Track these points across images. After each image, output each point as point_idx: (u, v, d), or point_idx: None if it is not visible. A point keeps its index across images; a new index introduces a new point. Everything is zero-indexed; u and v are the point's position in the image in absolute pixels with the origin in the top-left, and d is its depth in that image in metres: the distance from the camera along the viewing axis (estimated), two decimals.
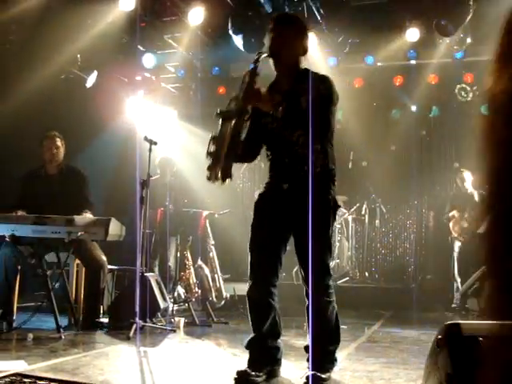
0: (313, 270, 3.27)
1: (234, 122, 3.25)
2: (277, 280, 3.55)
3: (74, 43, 7.44)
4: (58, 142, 5.81)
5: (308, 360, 3.43)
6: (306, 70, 3.49)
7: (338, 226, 9.38)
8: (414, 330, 5.88)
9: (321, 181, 3.37)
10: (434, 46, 7.97)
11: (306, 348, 3.49)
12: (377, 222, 9.78)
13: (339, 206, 3.58)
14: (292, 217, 3.43)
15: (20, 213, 5.27)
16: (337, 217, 9.23)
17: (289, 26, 3.48)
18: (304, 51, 3.51)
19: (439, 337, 2.11)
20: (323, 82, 3.38)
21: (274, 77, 3.58)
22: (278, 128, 3.43)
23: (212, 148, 3.26)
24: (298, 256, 3.47)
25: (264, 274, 3.51)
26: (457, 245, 8.26)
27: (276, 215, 3.46)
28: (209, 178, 3.29)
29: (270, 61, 3.42)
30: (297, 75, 3.45)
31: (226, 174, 3.26)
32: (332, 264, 9.09)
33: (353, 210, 9.61)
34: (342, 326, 6.00)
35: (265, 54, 3.36)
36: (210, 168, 3.26)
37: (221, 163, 3.24)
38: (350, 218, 9.61)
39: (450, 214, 8.27)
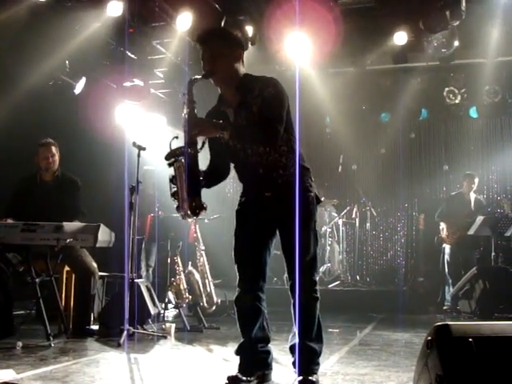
0: (300, 266, 3.27)
1: (184, 158, 3.27)
2: (264, 285, 3.54)
3: (62, 49, 7.38)
4: (53, 150, 5.79)
5: (294, 363, 3.42)
6: (249, 76, 3.44)
7: (329, 229, 9.39)
8: (405, 333, 5.89)
9: (299, 180, 3.36)
10: (421, 49, 7.98)
11: (291, 348, 3.48)
12: (367, 225, 9.79)
13: (320, 201, 3.57)
14: (277, 220, 3.42)
15: (9, 220, 5.24)
16: (327, 220, 9.33)
17: (212, 41, 3.39)
18: (237, 58, 3.42)
19: (429, 338, 2.10)
20: (268, 85, 3.34)
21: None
22: (240, 143, 3.39)
23: (173, 189, 3.32)
24: (285, 254, 3.45)
25: (251, 280, 3.49)
26: (447, 247, 8.29)
27: (259, 221, 3.44)
28: (182, 217, 3.35)
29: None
30: (239, 84, 3.39)
31: (196, 208, 3.29)
32: (323, 268, 9.11)
33: (343, 213, 9.62)
34: (334, 330, 6.07)
35: (198, 78, 3.34)
36: (178, 209, 3.33)
37: (186, 200, 3.27)
38: (340, 222, 9.61)
39: (441, 226, 8.35)
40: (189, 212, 3.29)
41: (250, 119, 3.33)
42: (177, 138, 3.44)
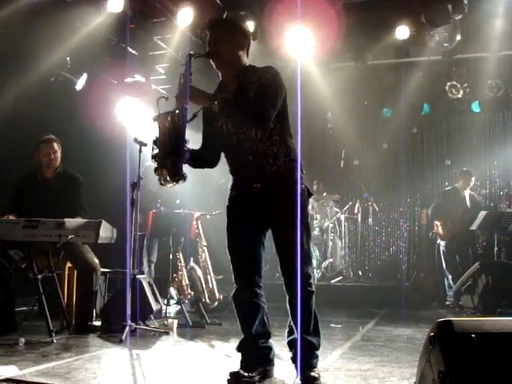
0: (294, 260, 3.25)
1: (171, 122, 3.24)
2: (261, 280, 3.52)
3: (63, 46, 7.38)
4: (55, 147, 5.76)
5: (292, 358, 3.42)
6: (251, 66, 3.46)
7: (331, 225, 9.37)
8: (407, 328, 5.88)
9: (289, 172, 3.36)
10: (423, 43, 7.96)
11: (288, 343, 3.47)
12: (369, 220, 9.77)
13: (311, 194, 3.57)
14: (268, 213, 3.40)
15: (11, 217, 5.24)
16: (329, 215, 9.32)
17: (219, 27, 3.46)
18: (241, 46, 3.45)
19: (431, 334, 2.09)
20: (267, 72, 3.35)
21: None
22: (234, 127, 3.39)
23: (155, 151, 3.28)
24: (278, 249, 3.44)
25: (247, 277, 3.48)
26: (442, 242, 8.29)
27: (250, 215, 3.42)
28: (160, 182, 3.31)
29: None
30: (240, 72, 3.41)
31: (176, 175, 3.25)
32: (325, 263, 9.10)
33: (345, 208, 9.60)
34: (336, 326, 6.07)
35: (199, 54, 3.36)
36: (156, 170, 3.29)
37: (166, 165, 3.24)
38: (342, 217, 9.60)
39: (436, 223, 8.34)
40: (167, 177, 3.25)
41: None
42: (166, 98, 3.44)
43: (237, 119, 3.34)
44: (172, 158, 3.23)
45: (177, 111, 3.24)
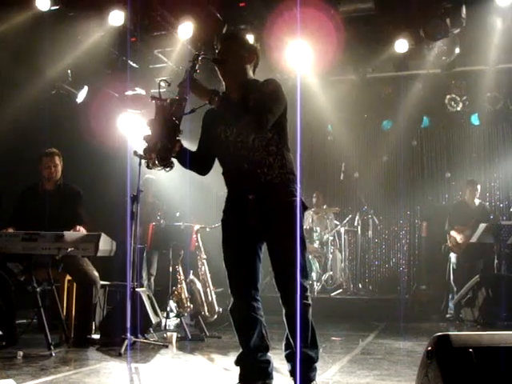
0: (290, 274, 3.24)
1: (170, 105, 3.25)
2: (258, 293, 3.50)
3: (65, 59, 7.43)
4: (57, 160, 5.80)
5: (290, 371, 3.40)
6: (254, 80, 3.49)
7: (331, 237, 9.37)
8: (407, 341, 5.86)
9: (284, 184, 3.37)
10: (422, 56, 8.00)
11: (286, 356, 3.45)
12: (369, 233, 9.77)
13: (307, 208, 3.56)
14: (262, 225, 3.38)
15: (10, 230, 5.25)
16: (329, 228, 9.30)
17: (231, 39, 3.58)
18: (249, 60, 3.50)
19: (429, 348, 2.09)
20: (270, 84, 3.38)
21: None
22: (232, 135, 3.40)
23: (147, 132, 3.28)
24: (274, 262, 3.42)
25: (244, 290, 3.46)
26: (453, 255, 8.23)
27: (245, 228, 3.40)
28: (147, 164, 3.30)
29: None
30: (244, 83, 3.44)
31: (164, 159, 3.25)
32: (325, 276, 9.09)
33: (345, 221, 9.60)
34: (336, 338, 6.05)
35: (202, 55, 3.39)
36: (145, 151, 3.27)
37: (156, 148, 3.23)
38: (342, 230, 9.59)
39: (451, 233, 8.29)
40: (156, 161, 3.24)
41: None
42: (169, 84, 3.46)
43: (235, 122, 3.36)
44: (164, 141, 3.24)
45: (177, 97, 3.27)
